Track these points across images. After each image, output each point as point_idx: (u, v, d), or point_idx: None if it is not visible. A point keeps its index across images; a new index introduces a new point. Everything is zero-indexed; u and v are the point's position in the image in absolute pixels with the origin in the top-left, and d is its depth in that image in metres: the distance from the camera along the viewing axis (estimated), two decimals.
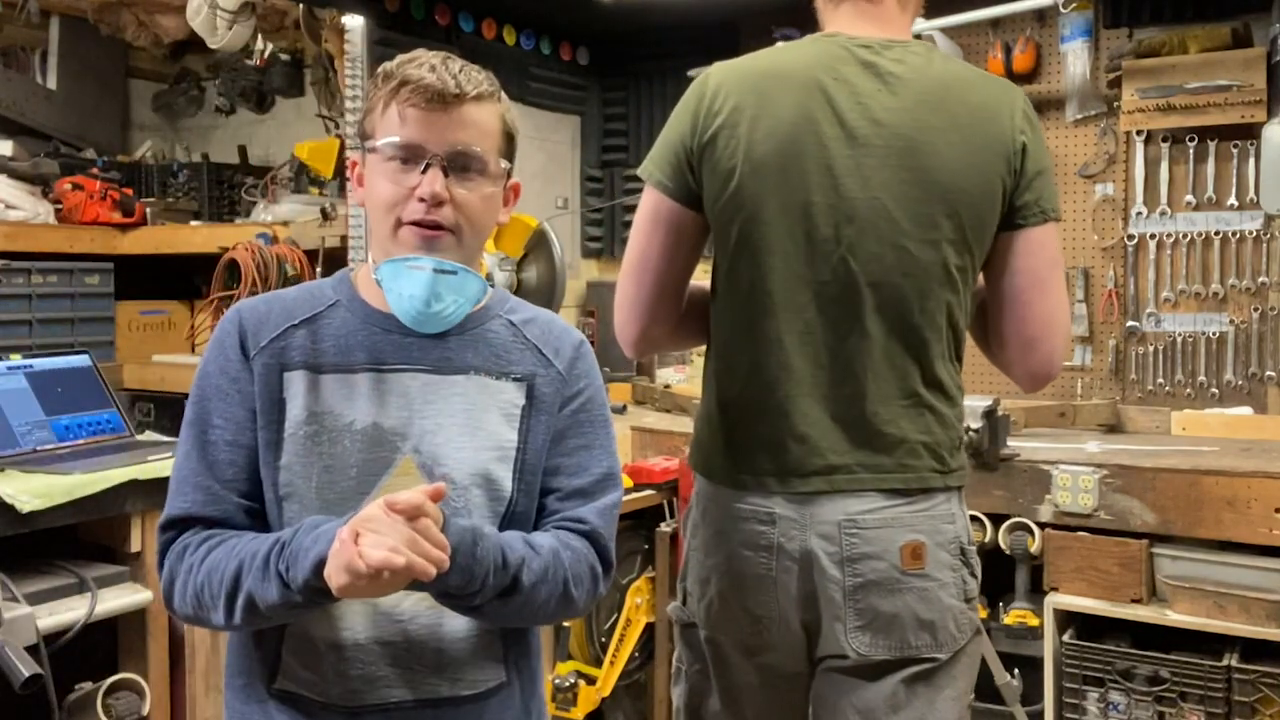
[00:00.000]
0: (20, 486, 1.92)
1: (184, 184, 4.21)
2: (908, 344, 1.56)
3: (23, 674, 1.62)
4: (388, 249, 1.31)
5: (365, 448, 1.28)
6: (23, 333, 3.37)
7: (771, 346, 1.58)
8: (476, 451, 1.31)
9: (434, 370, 1.32)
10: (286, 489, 1.28)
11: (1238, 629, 2.37)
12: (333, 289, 1.37)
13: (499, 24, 3.72)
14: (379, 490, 1.27)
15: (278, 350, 1.31)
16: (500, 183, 1.36)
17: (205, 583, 1.23)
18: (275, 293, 1.39)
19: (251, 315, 1.34)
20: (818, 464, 1.56)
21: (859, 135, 1.54)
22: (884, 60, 1.56)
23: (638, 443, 3.21)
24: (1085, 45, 3.27)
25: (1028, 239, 1.58)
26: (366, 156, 1.33)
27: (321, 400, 1.29)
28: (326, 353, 1.31)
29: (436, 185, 1.27)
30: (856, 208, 1.54)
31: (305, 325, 1.33)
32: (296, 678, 1.29)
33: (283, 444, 1.28)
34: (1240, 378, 3.15)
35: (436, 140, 1.28)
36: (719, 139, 1.57)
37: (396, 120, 1.28)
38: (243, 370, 1.30)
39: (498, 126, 1.34)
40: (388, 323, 1.32)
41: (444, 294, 1.29)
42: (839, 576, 1.55)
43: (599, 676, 2.85)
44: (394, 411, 1.30)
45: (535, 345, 1.39)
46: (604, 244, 4.24)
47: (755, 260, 1.57)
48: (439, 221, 1.28)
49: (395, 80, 1.29)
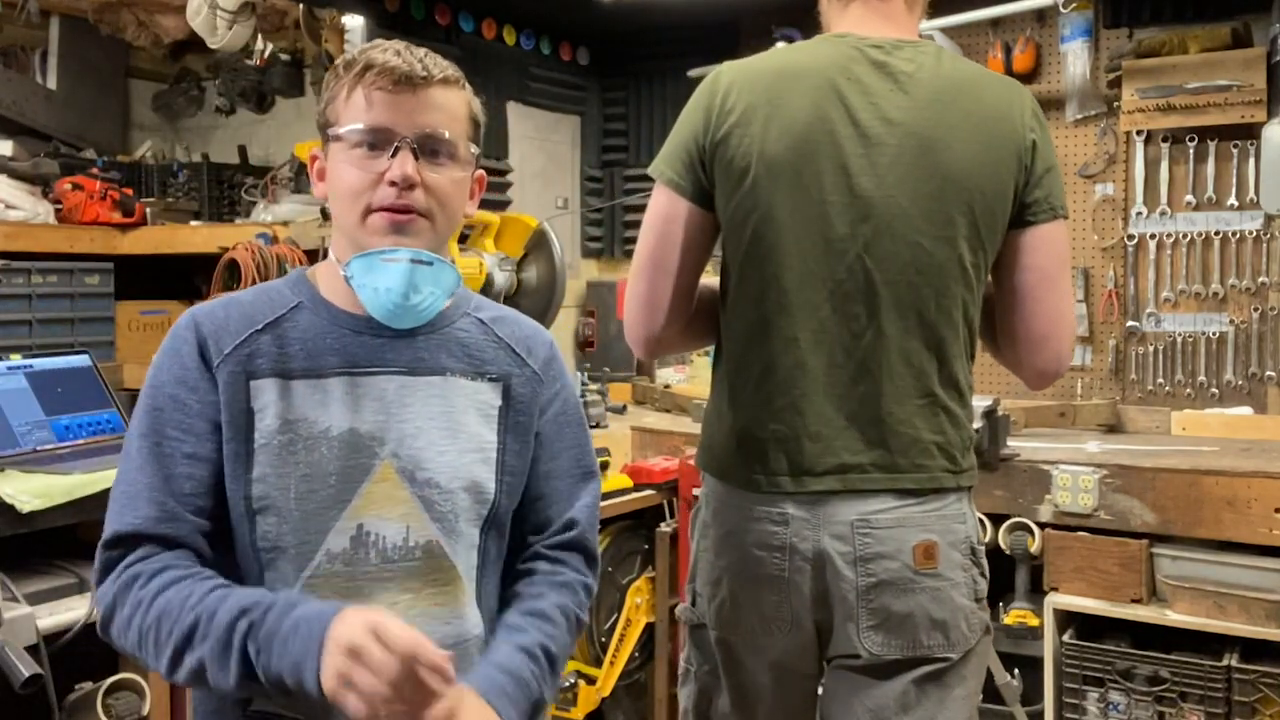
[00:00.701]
0: (20, 486, 1.91)
1: (184, 184, 4.20)
2: (925, 342, 1.57)
3: (23, 674, 1.62)
4: (357, 240, 1.26)
5: (343, 454, 1.24)
6: (23, 333, 3.37)
7: (786, 345, 1.58)
8: (460, 454, 1.29)
9: (409, 372, 1.29)
10: (262, 502, 1.22)
11: (1238, 629, 2.37)
12: (290, 290, 1.31)
13: (499, 24, 3.72)
14: (360, 497, 1.24)
15: (242, 358, 1.25)
16: (469, 169, 1.32)
17: (153, 627, 1.15)
18: (230, 296, 1.33)
19: (209, 321, 1.27)
20: (831, 463, 1.56)
21: (872, 134, 1.54)
22: (895, 60, 1.57)
23: (638, 443, 3.21)
24: (1085, 45, 3.27)
25: (1038, 236, 1.59)
26: (329, 147, 1.28)
27: (294, 407, 1.24)
28: (295, 357, 1.26)
29: (408, 167, 1.23)
30: (872, 206, 1.54)
31: (269, 330, 1.27)
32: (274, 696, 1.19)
33: (254, 455, 1.23)
34: (1240, 378, 3.15)
35: (405, 123, 1.24)
36: (732, 138, 1.57)
37: (362, 105, 1.24)
38: (202, 380, 1.24)
39: (465, 111, 1.31)
40: (357, 324, 1.28)
41: (421, 285, 1.25)
42: (852, 576, 1.55)
43: (599, 676, 2.85)
44: (370, 415, 1.26)
45: (508, 345, 1.37)
46: (604, 244, 4.24)
47: (769, 259, 1.57)
48: (411, 205, 1.24)
49: (359, 65, 1.24)
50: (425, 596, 1.27)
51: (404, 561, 1.26)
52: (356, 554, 1.24)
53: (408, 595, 1.25)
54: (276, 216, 3.82)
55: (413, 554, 1.26)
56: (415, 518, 1.26)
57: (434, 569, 1.27)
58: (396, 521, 1.25)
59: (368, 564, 1.24)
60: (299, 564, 1.23)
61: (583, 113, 4.16)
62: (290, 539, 1.23)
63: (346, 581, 1.24)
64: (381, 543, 1.25)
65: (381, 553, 1.25)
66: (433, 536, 1.27)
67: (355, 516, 1.24)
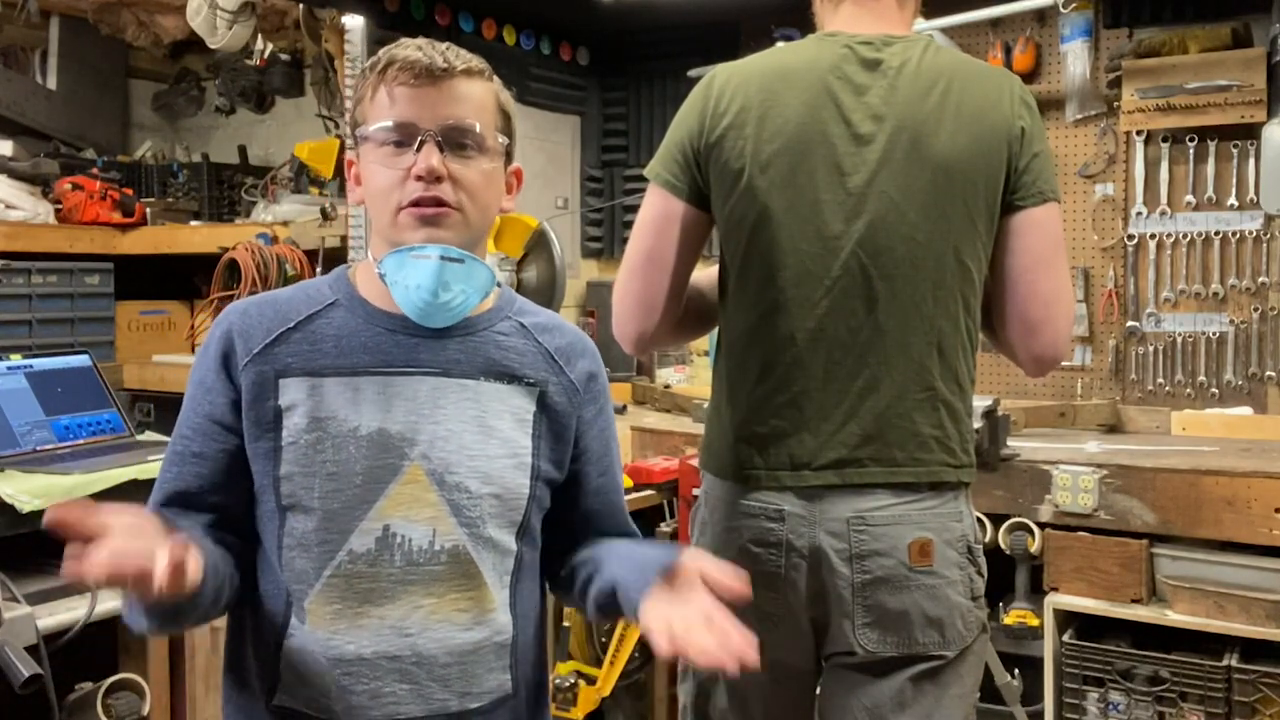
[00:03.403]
0: (20, 486, 1.91)
1: (184, 184, 4.21)
2: (923, 336, 1.57)
3: (23, 674, 1.62)
4: (391, 239, 1.25)
5: (371, 454, 1.23)
6: (23, 333, 3.37)
7: (784, 343, 1.59)
8: (491, 459, 1.27)
9: (443, 373, 1.27)
10: (289, 499, 1.23)
11: (1238, 629, 2.37)
12: (330, 287, 1.31)
13: (499, 24, 3.73)
14: (386, 498, 1.23)
15: (271, 357, 1.25)
16: (500, 160, 1.30)
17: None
18: (269, 294, 1.33)
19: (241, 320, 1.27)
20: (829, 457, 1.57)
21: (863, 130, 1.55)
22: (885, 56, 1.58)
23: (638, 443, 3.21)
24: (1085, 45, 3.27)
25: (1028, 219, 1.58)
26: (361, 149, 1.28)
27: (324, 405, 1.23)
28: (327, 355, 1.25)
29: (432, 160, 1.21)
30: (865, 202, 1.55)
31: (301, 328, 1.27)
32: (296, 694, 1.24)
33: (281, 452, 1.23)
34: (1240, 378, 3.15)
35: (428, 116, 1.23)
36: (726, 139, 1.59)
37: (386, 102, 1.24)
38: (219, 380, 1.25)
39: (492, 102, 1.29)
40: (392, 323, 1.27)
41: (452, 283, 1.24)
42: (847, 573, 1.55)
43: (599, 676, 2.85)
44: (401, 416, 1.24)
45: (548, 351, 1.35)
46: (604, 244, 4.24)
47: (766, 259, 1.59)
48: (439, 198, 1.22)
49: (382, 64, 1.24)
50: (449, 601, 1.25)
51: (429, 565, 1.24)
52: (381, 555, 1.23)
53: (431, 599, 1.24)
54: (276, 216, 3.82)
55: (438, 558, 1.25)
56: (443, 521, 1.25)
57: (459, 574, 1.26)
58: (423, 524, 1.24)
59: (392, 565, 1.23)
60: (321, 562, 1.23)
61: (583, 113, 4.16)
62: (314, 537, 1.22)
63: (370, 583, 1.23)
64: (407, 545, 1.24)
65: (407, 555, 1.24)
66: (459, 541, 1.25)
67: (381, 517, 1.23)
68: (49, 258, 3.56)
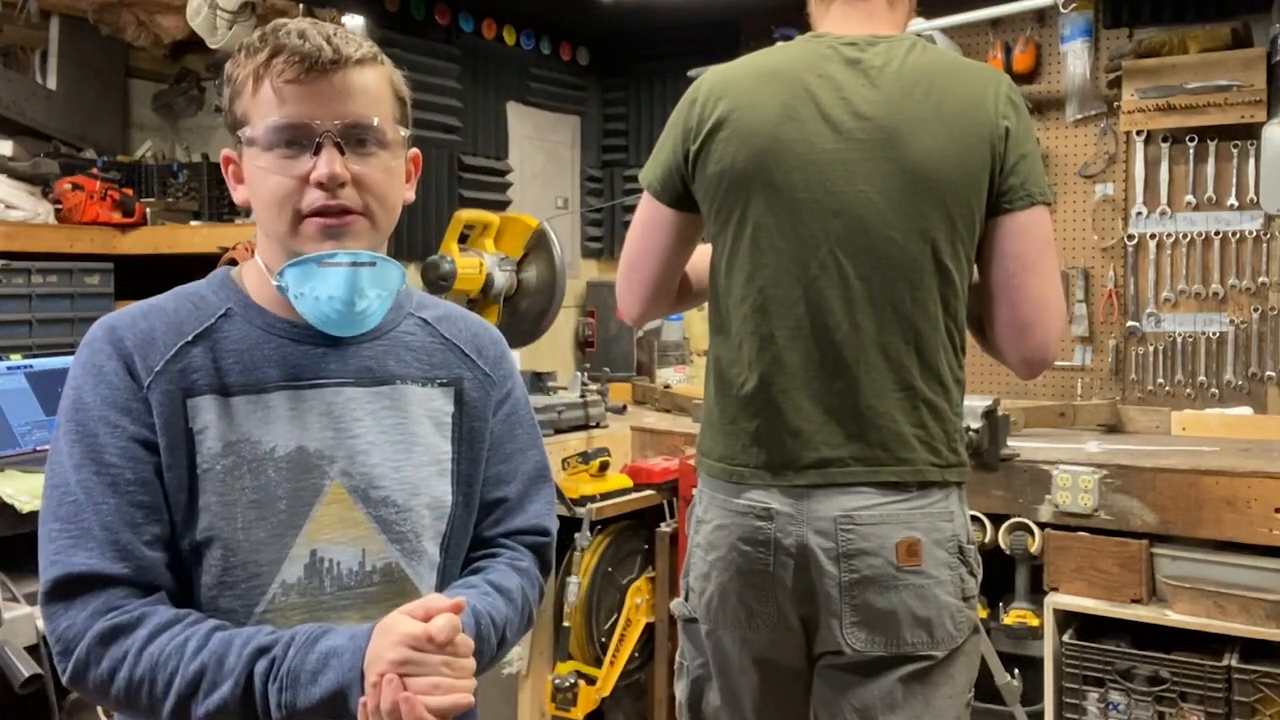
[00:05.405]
0: (20, 486, 1.91)
1: (184, 184, 4.20)
2: (901, 335, 1.57)
3: (23, 674, 1.62)
4: (290, 249, 1.14)
5: (292, 476, 1.14)
6: (23, 333, 3.37)
7: (765, 343, 1.60)
8: (416, 469, 1.21)
9: (356, 382, 1.19)
10: (207, 533, 1.11)
11: (1238, 629, 2.37)
12: (215, 295, 1.20)
13: (499, 24, 3.72)
14: (311, 521, 1.15)
15: (175, 374, 1.13)
16: (401, 153, 1.20)
17: (146, 679, 1.06)
18: (148, 303, 1.19)
19: (132, 334, 1.14)
20: (811, 457, 1.57)
21: (842, 130, 1.56)
22: (868, 55, 1.58)
23: (638, 443, 3.21)
24: (1085, 45, 3.27)
25: (1015, 223, 1.58)
26: (245, 150, 1.14)
27: (235, 427, 1.13)
28: (231, 371, 1.14)
29: (335, 165, 1.10)
30: (843, 202, 1.56)
31: (200, 341, 1.15)
32: None
33: (197, 482, 1.11)
34: (1240, 378, 3.15)
35: (323, 114, 1.11)
36: (710, 142, 1.61)
37: (273, 99, 1.11)
38: (133, 400, 1.11)
39: (388, 91, 1.18)
40: (295, 331, 1.18)
41: (367, 289, 1.15)
42: (835, 572, 1.55)
43: (599, 676, 2.85)
44: (317, 432, 1.16)
45: (455, 345, 1.29)
46: (604, 244, 4.24)
47: (747, 259, 1.61)
48: (345, 205, 1.12)
49: (262, 53, 1.11)
50: None
51: (361, 587, 1.18)
52: (311, 583, 1.15)
53: (368, 624, 1.10)
54: None
55: (370, 579, 1.18)
56: (371, 540, 1.18)
57: (394, 593, 1.19)
58: (350, 545, 1.17)
59: (323, 593, 1.16)
60: (250, 599, 1.13)
61: (583, 113, 4.16)
62: (240, 573, 1.13)
63: (304, 614, 1.15)
64: (336, 569, 1.16)
65: (337, 580, 1.16)
66: (391, 559, 1.19)
67: (308, 543, 1.15)
68: (49, 258, 3.55)
